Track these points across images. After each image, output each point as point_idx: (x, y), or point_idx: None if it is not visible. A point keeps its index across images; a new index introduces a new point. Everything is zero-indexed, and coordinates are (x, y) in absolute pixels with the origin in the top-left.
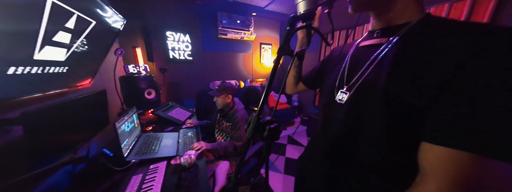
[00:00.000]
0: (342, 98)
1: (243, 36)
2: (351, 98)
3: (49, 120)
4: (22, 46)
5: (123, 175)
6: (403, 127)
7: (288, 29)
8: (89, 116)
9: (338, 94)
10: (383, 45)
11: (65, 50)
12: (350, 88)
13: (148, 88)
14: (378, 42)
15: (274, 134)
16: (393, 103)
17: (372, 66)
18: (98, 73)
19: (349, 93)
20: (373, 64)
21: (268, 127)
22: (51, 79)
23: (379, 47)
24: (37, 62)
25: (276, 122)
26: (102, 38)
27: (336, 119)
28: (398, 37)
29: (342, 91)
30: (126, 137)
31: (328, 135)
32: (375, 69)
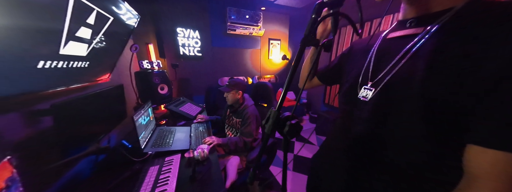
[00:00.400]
0: (366, 95)
1: (251, 32)
2: (377, 95)
3: (75, 111)
4: (49, 41)
5: (141, 166)
6: (441, 127)
7: (314, 17)
8: (109, 109)
9: (361, 91)
10: (418, 36)
11: (86, 45)
12: (376, 84)
13: (161, 84)
14: (412, 33)
15: (295, 130)
16: (431, 101)
17: (404, 60)
18: (115, 68)
19: (374, 90)
20: (406, 57)
21: (288, 122)
22: (74, 73)
23: (413, 38)
24: (62, 57)
25: (297, 117)
26: (118, 35)
27: (359, 118)
28: (438, 26)
29: (366, 88)
30: (143, 130)
31: (349, 134)
32: (408, 63)
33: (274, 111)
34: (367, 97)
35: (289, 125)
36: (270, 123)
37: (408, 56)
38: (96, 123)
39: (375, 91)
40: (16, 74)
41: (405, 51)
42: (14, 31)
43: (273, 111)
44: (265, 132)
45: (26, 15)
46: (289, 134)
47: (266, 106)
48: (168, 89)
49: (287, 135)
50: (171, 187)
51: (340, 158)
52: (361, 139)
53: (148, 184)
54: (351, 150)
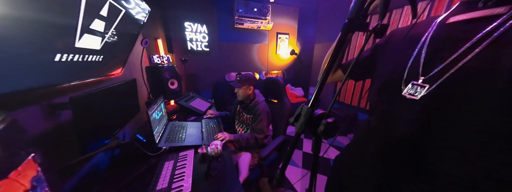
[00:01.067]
0: (416, 92)
1: (259, 26)
2: (434, 93)
3: (93, 105)
4: (65, 34)
5: (156, 160)
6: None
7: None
8: (124, 103)
9: (407, 87)
10: (501, 18)
11: (100, 39)
12: (431, 80)
13: (171, 79)
14: (489, 14)
15: (332, 129)
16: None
17: (479, 49)
18: (127, 63)
19: (429, 86)
20: (482, 45)
21: (324, 121)
22: (89, 67)
23: (491, 21)
24: (78, 50)
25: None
26: (130, 28)
27: (403, 119)
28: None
29: (416, 84)
30: (157, 125)
31: (387, 137)
32: (486, 52)
33: (307, 108)
34: (416, 95)
35: (325, 124)
36: (301, 121)
37: (486, 43)
38: (112, 117)
39: (429, 88)
40: (35, 68)
41: (481, 38)
42: (31, 24)
43: (305, 108)
44: (297, 131)
45: (42, 8)
46: (325, 134)
47: (276, 102)
48: (178, 85)
49: (322, 135)
50: (188, 183)
51: (373, 165)
52: (403, 143)
53: (165, 178)
54: (389, 157)
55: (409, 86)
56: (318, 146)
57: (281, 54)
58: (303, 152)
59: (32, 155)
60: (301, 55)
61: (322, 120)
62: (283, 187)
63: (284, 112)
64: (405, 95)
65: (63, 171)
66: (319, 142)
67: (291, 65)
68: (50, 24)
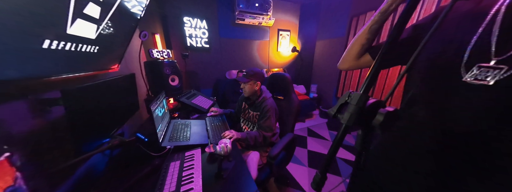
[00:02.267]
0: (487, 76)
1: (261, 22)
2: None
3: (88, 101)
4: (55, 17)
5: (161, 161)
6: None
7: None
8: (122, 99)
9: (471, 72)
10: None
11: (95, 27)
12: (509, 60)
13: (172, 75)
14: None
15: (392, 121)
16: None
17: None
18: (124, 58)
19: (508, 68)
20: None
21: (384, 110)
22: (84, 58)
23: None
24: (70, 38)
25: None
26: (126, 20)
27: (466, 109)
28: None
29: (486, 66)
30: (160, 122)
31: (441, 131)
32: None
33: (360, 94)
34: (487, 79)
35: (385, 114)
36: (352, 111)
37: None
38: (109, 115)
39: (508, 69)
40: (19, 55)
41: None
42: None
43: (357, 95)
44: (345, 124)
45: None
46: (383, 127)
47: (282, 99)
48: (179, 81)
49: (381, 127)
50: (198, 185)
51: (420, 162)
52: (468, 138)
53: (172, 181)
54: (445, 153)
55: (474, 70)
56: (367, 141)
57: (282, 52)
58: (308, 150)
59: (5, 155)
60: (302, 53)
61: (379, 109)
62: None
63: (292, 109)
64: (468, 81)
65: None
66: (368, 136)
67: (292, 62)
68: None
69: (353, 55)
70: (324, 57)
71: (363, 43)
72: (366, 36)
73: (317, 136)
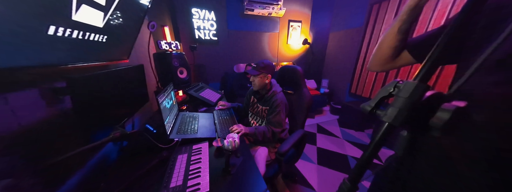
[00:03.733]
0: None
1: (271, 12)
2: None
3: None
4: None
5: (169, 153)
6: None
7: None
8: (131, 90)
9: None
10: None
11: (102, 14)
12: None
13: (180, 67)
14: None
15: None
16: None
17: None
18: (134, 49)
19: None
20: None
21: (451, 106)
22: (93, 48)
23: None
24: (76, 25)
25: None
26: (134, 9)
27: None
28: None
29: None
30: (168, 114)
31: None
32: None
33: (415, 83)
34: None
35: (454, 111)
36: (401, 106)
37: None
38: (119, 105)
39: None
40: (27, 40)
41: None
42: None
43: (410, 83)
44: (392, 124)
45: None
46: (446, 129)
47: (292, 93)
48: (187, 73)
49: (444, 129)
50: (205, 180)
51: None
52: None
53: (179, 174)
54: None
55: None
56: (411, 145)
57: (292, 44)
58: (318, 148)
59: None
60: (313, 45)
61: (442, 105)
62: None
63: (302, 104)
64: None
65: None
66: (413, 141)
67: (302, 56)
68: None
69: (386, 59)
70: (338, 50)
71: (396, 45)
72: (397, 37)
73: (327, 133)
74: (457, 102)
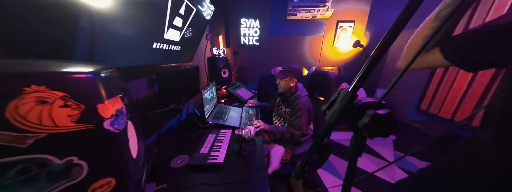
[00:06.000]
0: None
1: (315, 15)
2: None
3: (170, 82)
4: (159, 29)
5: (204, 131)
6: None
7: None
8: (189, 84)
9: None
10: None
11: (179, 33)
12: None
13: (223, 68)
14: None
15: (382, 124)
16: None
17: None
18: (196, 54)
19: None
20: None
21: (371, 111)
22: (172, 54)
23: None
24: (166, 41)
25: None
26: (199, 25)
27: None
28: None
29: None
30: (208, 103)
31: None
32: None
33: (347, 91)
34: None
35: (371, 116)
36: (336, 108)
37: None
38: (182, 92)
39: None
40: (143, 51)
41: None
42: (138, 22)
43: (344, 91)
44: (328, 121)
45: (145, 9)
46: (369, 130)
47: (322, 99)
48: (229, 74)
49: (365, 130)
50: (222, 155)
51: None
52: None
53: (207, 146)
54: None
55: None
56: (359, 146)
57: (340, 47)
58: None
59: (120, 95)
60: (368, 49)
61: (367, 110)
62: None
63: None
64: None
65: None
66: (360, 142)
67: (352, 60)
68: (150, 19)
69: (415, 50)
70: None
71: (427, 34)
72: (432, 24)
73: (373, 153)
74: (382, 110)
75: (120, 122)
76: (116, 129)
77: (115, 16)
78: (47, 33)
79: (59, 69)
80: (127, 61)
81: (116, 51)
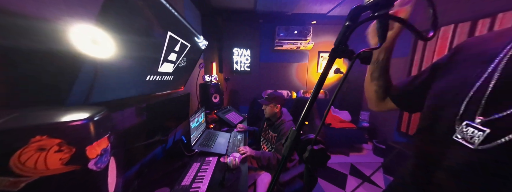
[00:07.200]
0: (472, 138)
1: (299, 46)
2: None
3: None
4: (153, 64)
5: (188, 160)
6: None
7: (348, 24)
8: (178, 110)
9: (460, 128)
10: None
11: (172, 65)
12: (494, 124)
13: (214, 94)
14: None
15: (318, 158)
16: None
17: None
18: (189, 81)
19: (490, 132)
20: None
21: (310, 147)
22: (165, 83)
23: None
24: (159, 73)
25: (323, 143)
26: (192, 56)
27: (450, 170)
28: None
29: (473, 125)
30: (195, 130)
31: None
32: None
33: (293, 130)
34: (473, 141)
35: (309, 151)
36: (287, 143)
37: None
38: (170, 120)
39: (490, 134)
40: (136, 84)
41: None
42: (135, 59)
43: (293, 131)
44: (282, 153)
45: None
46: (310, 162)
47: (307, 123)
48: (219, 99)
49: (307, 162)
50: (204, 186)
51: None
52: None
53: (189, 177)
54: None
55: (463, 126)
56: (309, 176)
57: None
58: None
59: (107, 135)
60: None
61: (308, 146)
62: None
63: None
64: (456, 138)
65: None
66: (309, 173)
67: (334, 85)
68: (146, 58)
69: (374, 99)
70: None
71: (375, 89)
72: (374, 83)
73: (364, 178)
74: (317, 145)
75: (103, 160)
76: (99, 167)
77: (115, 59)
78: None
79: (59, 119)
80: (120, 94)
81: (111, 88)
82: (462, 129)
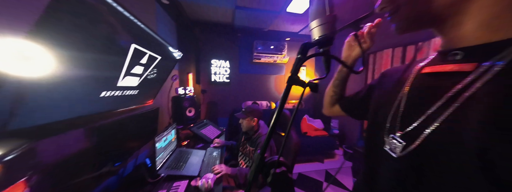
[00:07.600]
0: (395, 148)
1: (276, 60)
2: (411, 153)
3: (118, 130)
4: (111, 78)
5: (151, 188)
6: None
7: (299, 57)
8: (143, 129)
9: (388, 140)
10: (469, 75)
11: (138, 78)
12: (408, 137)
13: (189, 107)
14: (458, 70)
15: (280, 182)
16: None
17: (451, 110)
18: (160, 93)
19: (406, 144)
20: (453, 106)
21: (273, 170)
22: (127, 99)
23: (461, 78)
24: (119, 88)
25: (287, 165)
26: (164, 68)
27: (384, 177)
28: (502, 63)
29: (395, 138)
30: (162, 151)
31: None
32: (456, 113)
33: (258, 154)
34: (396, 151)
35: (272, 175)
36: (253, 168)
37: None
38: (132, 140)
39: (406, 146)
40: (86, 101)
41: (451, 96)
42: (84, 75)
43: (256, 153)
44: (247, 178)
45: (94, 65)
46: (273, 186)
47: (283, 135)
48: (195, 112)
49: (270, 186)
50: None
51: None
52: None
53: None
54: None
55: (390, 139)
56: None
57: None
58: None
59: (26, 176)
60: (320, 85)
61: (272, 169)
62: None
63: (289, 147)
64: (386, 149)
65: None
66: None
67: (309, 95)
68: (100, 74)
69: (328, 104)
70: None
71: (331, 95)
72: (332, 89)
73: (338, 184)
74: (279, 168)
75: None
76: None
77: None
78: None
79: None
80: (59, 115)
81: (46, 108)
82: (389, 141)
